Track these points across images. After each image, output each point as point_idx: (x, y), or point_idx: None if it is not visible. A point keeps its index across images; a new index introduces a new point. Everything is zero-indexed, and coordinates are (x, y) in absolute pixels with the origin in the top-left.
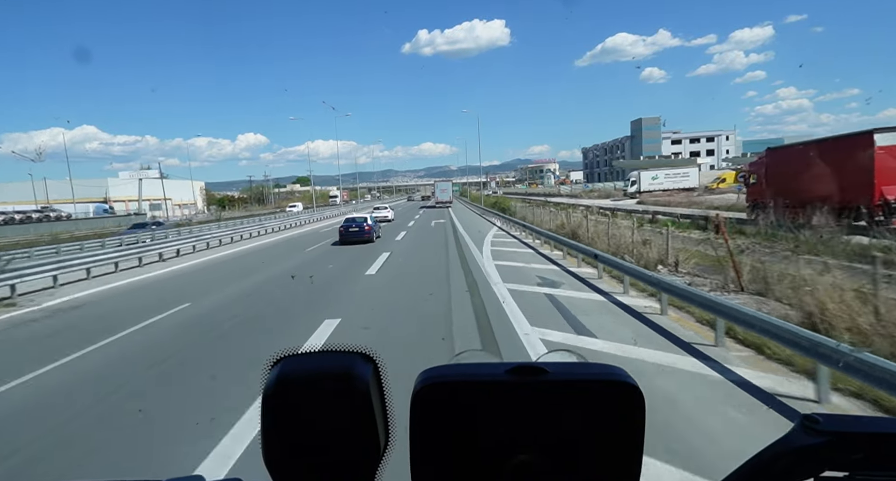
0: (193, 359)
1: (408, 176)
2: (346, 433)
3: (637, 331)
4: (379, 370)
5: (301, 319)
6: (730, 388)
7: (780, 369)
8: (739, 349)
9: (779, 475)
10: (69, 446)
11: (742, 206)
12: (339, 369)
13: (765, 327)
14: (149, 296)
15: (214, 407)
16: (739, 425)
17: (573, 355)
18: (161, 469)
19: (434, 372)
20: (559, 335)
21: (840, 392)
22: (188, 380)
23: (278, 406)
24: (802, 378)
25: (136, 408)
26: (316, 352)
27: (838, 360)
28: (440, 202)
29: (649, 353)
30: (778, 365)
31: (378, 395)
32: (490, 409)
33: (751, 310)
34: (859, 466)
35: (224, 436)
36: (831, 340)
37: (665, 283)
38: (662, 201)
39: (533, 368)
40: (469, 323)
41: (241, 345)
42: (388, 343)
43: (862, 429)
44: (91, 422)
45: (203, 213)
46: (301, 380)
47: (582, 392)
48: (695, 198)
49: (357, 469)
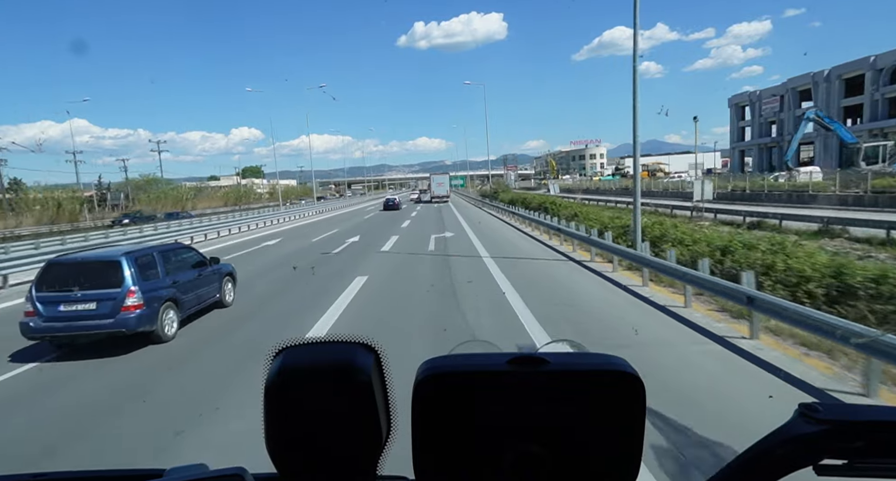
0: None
1: (402, 170)
2: (348, 423)
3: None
4: (381, 360)
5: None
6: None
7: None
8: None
9: (778, 463)
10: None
11: None
12: (340, 360)
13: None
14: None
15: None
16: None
17: (574, 345)
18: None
19: (435, 363)
20: None
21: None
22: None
23: (281, 396)
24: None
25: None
26: (318, 342)
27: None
28: (436, 197)
29: None
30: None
31: (380, 385)
32: (491, 399)
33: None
34: (858, 454)
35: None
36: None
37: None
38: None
39: (533, 358)
40: None
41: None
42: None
43: (860, 418)
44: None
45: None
46: (303, 371)
47: (582, 381)
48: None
49: (359, 459)
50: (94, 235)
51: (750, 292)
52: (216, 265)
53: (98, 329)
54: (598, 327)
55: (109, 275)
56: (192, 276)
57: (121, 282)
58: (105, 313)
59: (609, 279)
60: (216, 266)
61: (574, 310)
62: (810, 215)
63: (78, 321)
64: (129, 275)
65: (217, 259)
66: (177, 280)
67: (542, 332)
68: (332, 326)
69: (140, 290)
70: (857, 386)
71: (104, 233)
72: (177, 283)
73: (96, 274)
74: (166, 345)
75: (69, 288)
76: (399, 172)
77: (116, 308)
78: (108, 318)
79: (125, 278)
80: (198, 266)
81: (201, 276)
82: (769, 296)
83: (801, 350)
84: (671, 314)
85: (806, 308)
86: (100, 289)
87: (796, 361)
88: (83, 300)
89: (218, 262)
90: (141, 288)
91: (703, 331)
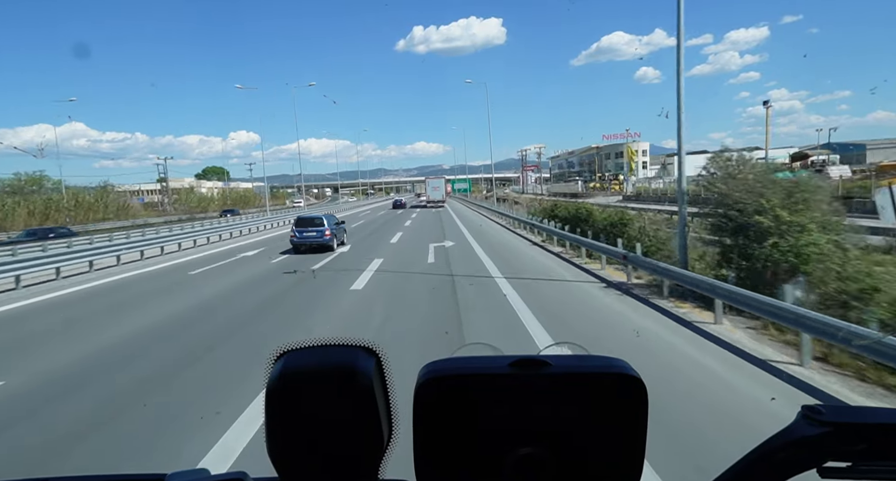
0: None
1: (400, 174)
2: (349, 427)
3: None
4: (382, 363)
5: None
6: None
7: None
8: None
9: (781, 465)
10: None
11: None
12: (342, 363)
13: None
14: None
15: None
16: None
17: (576, 347)
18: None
19: (436, 366)
20: None
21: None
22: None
23: (282, 400)
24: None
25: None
26: (319, 345)
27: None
28: (432, 201)
29: None
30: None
31: (381, 389)
32: (492, 402)
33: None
34: (862, 457)
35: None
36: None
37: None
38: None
39: (535, 361)
40: None
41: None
42: None
43: (864, 420)
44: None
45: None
46: (305, 375)
47: (584, 384)
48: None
49: (360, 462)
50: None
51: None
52: (342, 224)
53: (315, 241)
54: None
55: (318, 222)
56: (337, 226)
57: (323, 225)
58: (318, 235)
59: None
60: (342, 224)
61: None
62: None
63: (308, 238)
64: (326, 223)
65: (343, 221)
66: (336, 227)
67: None
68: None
69: (329, 229)
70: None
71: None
72: (336, 227)
73: (314, 221)
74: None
75: (304, 226)
76: (396, 176)
77: (322, 234)
78: (320, 238)
79: (325, 223)
80: (340, 223)
81: (339, 226)
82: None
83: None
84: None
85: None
86: (316, 227)
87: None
88: (310, 229)
89: (343, 222)
90: (329, 227)
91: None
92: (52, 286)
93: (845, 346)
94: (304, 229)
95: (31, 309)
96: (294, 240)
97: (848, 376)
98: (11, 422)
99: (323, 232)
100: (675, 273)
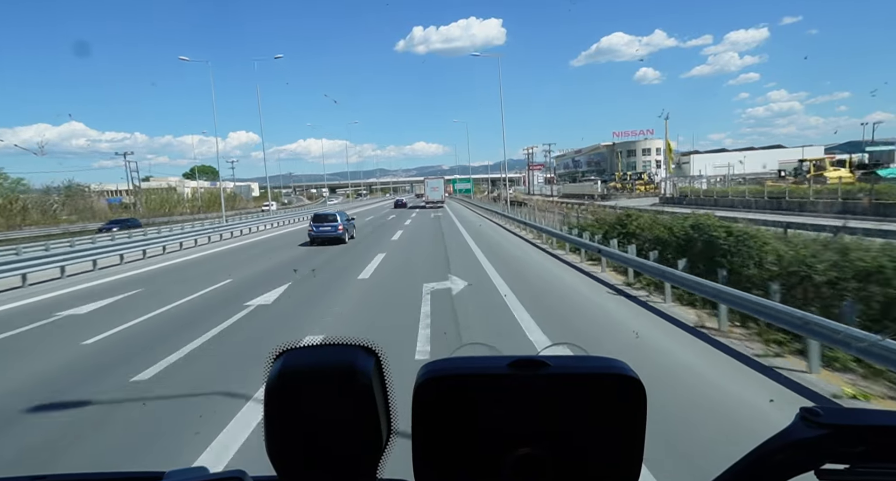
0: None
1: (399, 174)
2: (348, 426)
3: None
4: (381, 363)
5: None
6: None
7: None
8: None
9: (779, 468)
10: None
11: None
12: (341, 363)
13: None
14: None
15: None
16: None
17: (574, 348)
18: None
19: (435, 366)
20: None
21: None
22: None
23: (281, 399)
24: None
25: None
26: (318, 345)
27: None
28: (430, 202)
29: None
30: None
31: (380, 388)
32: (491, 402)
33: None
34: (860, 459)
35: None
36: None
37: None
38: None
39: (534, 361)
40: None
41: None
42: None
43: (862, 422)
44: None
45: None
46: (303, 374)
47: (583, 384)
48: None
49: (359, 461)
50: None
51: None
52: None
53: (329, 235)
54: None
55: (332, 219)
56: (348, 222)
57: (336, 220)
58: (332, 230)
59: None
60: (353, 220)
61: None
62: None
63: (323, 232)
64: (339, 218)
65: (353, 217)
66: (347, 223)
67: None
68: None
69: (342, 223)
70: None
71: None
72: (348, 223)
73: (328, 218)
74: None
75: (321, 222)
76: (395, 176)
77: (336, 228)
78: (334, 232)
79: (338, 219)
80: (350, 219)
81: (350, 222)
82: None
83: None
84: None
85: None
86: (330, 223)
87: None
88: (325, 225)
89: (353, 218)
90: (342, 223)
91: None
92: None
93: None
94: (321, 224)
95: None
96: (312, 233)
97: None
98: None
99: (336, 227)
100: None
